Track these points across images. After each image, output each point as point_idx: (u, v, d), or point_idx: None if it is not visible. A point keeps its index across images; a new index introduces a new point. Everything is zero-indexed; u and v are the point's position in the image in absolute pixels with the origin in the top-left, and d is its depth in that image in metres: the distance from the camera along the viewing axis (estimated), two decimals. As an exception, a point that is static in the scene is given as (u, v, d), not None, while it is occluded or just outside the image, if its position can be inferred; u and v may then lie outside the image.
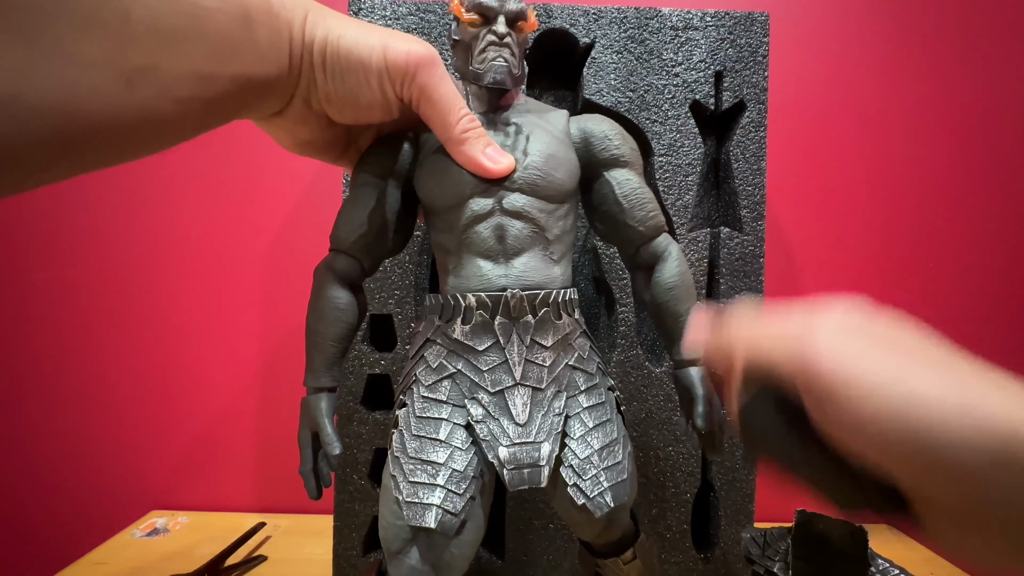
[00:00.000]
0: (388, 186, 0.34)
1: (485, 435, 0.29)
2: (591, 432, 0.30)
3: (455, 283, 0.32)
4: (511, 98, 0.35)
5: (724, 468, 0.49)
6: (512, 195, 0.31)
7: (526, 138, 0.32)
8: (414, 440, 0.29)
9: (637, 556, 0.32)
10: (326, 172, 0.67)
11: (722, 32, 0.49)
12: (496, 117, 0.33)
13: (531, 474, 0.29)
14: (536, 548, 0.47)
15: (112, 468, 0.67)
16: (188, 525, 0.62)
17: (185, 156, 0.67)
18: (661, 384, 0.48)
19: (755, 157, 0.49)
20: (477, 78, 0.32)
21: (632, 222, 0.34)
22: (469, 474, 0.29)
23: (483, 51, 0.32)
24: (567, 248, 0.34)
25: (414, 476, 0.29)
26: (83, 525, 0.66)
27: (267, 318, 0.67)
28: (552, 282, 0.32)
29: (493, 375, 0.30)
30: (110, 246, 0.67)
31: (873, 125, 0.68)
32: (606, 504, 0.29)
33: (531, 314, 0.30)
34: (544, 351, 0.31)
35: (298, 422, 0.33)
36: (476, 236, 0.31)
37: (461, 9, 0.32)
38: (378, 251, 0.35)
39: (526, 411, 0.30)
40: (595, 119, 0.35)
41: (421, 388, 0.31)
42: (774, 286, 0.67)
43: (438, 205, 0.33)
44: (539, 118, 0.34)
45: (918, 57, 0.68)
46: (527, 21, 0.33)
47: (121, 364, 0.67)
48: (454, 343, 0.31)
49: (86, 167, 0.22)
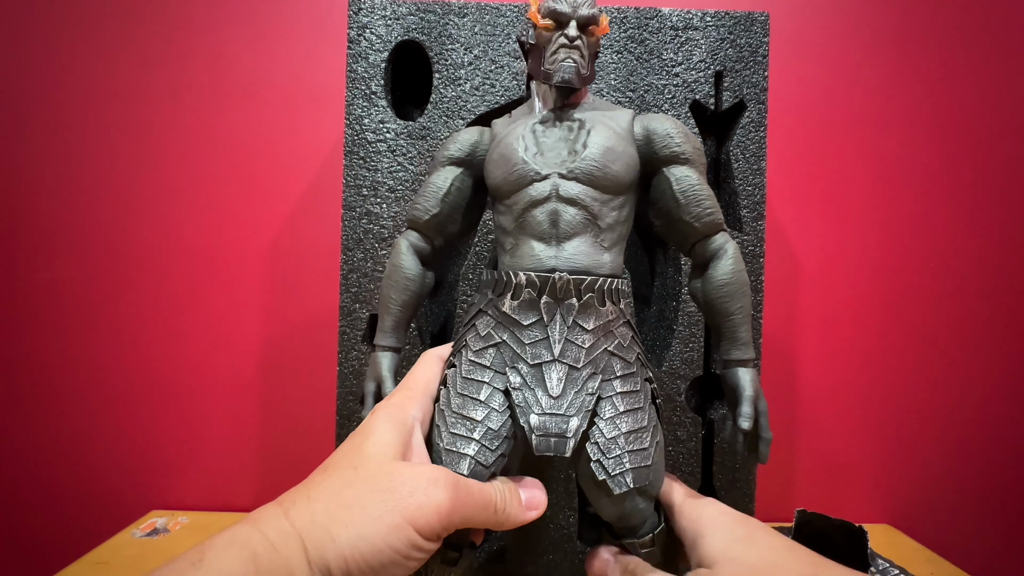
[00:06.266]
0: (462, 171, 0.39)
1: (520, 401, 0.31)
2: (621, 416, 0.31)
3: (510, 261, 0.35)
4: (579, 97, 0.37)
5: (724, 468, 0.49)
6: (568, 183, 0.33)
7: (587, 132, 0.34)
8: (458, 397, 0.32)
9: (655, 544, 0.33)
10: (326, 172, 0.67)
11: (722, 32, 0.49)
12: (563, 113, 0.36)
13: (557, 443, 0.30)
14: (536, 548, 0.47)
15: (112, 468, 0.67)
16: (188, 525, 0.62)
17: (185, 156, 0.67)
18: (662, 384, 0.48)
19: (755, 157, 0.49)
20: (547, 77, 0.35)
21: (688, 218, 0.35)
22: (503, 434, 0.31)
23: (554, 53, 0.34)
24: (619, 238, 0.35)
25: (454, 428, 0.31)
26: (83, 525, 0.67)
27: (268, 318, 0.67)
28: (600, 267, 0.34)
29: (534, 349, 0.32)
30: (110, 246, 0.67)
31: (873, 125, 0.68)
32: (625, 484, 0.30)
33: (576, 297, 0.32)
34: (585, 334, 0.32)
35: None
36: (532, 219, 0.34)
37: (537, 15, 0.35)
38: (448, 231, 0.39)
39: (560, 386, 0.31)
40: (660, 118, 0.37)
41: (469, 353, 0.33)
42: (774, 286, 0.67)
43: (501, 190, 0.35)
44: (603, 115, 0.36)
45: (918, 57, 0.68)
46: (599, 25, 0.35)
47: (121, 364, 0.67)
48: (502, 316, 0.33)
49: None
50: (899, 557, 0.57)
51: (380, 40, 0.49)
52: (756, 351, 0.48)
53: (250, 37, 0.67)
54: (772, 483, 0.64)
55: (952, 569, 0.56)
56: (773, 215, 0.66)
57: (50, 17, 0.66)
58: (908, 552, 0.60)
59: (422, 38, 0.49)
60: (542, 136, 0.35)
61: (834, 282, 0.68)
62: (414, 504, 0.25)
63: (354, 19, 0.49)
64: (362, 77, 0.49)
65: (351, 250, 0.49)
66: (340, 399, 0.48)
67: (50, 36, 0.66)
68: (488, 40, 0.49)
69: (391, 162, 0.49)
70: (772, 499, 0.64)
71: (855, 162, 0.68)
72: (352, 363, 0.48)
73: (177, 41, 0.66)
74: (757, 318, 0.49)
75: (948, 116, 0.68)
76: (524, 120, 0.37)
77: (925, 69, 0.68)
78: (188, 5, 0.66)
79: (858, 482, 0.69)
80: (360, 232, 0.49)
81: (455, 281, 0.50)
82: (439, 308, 0.52)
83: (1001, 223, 0.68)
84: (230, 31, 0.67)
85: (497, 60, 0.49)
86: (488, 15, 0.49)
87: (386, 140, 0.49)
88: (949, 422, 0.69)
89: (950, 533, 0.68)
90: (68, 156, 0.67)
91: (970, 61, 0.68)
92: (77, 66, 0.66)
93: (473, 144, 0.39)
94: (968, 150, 0.68)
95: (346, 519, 0.24)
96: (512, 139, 0.35)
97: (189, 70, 0.67)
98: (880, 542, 0.62)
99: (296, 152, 0.67)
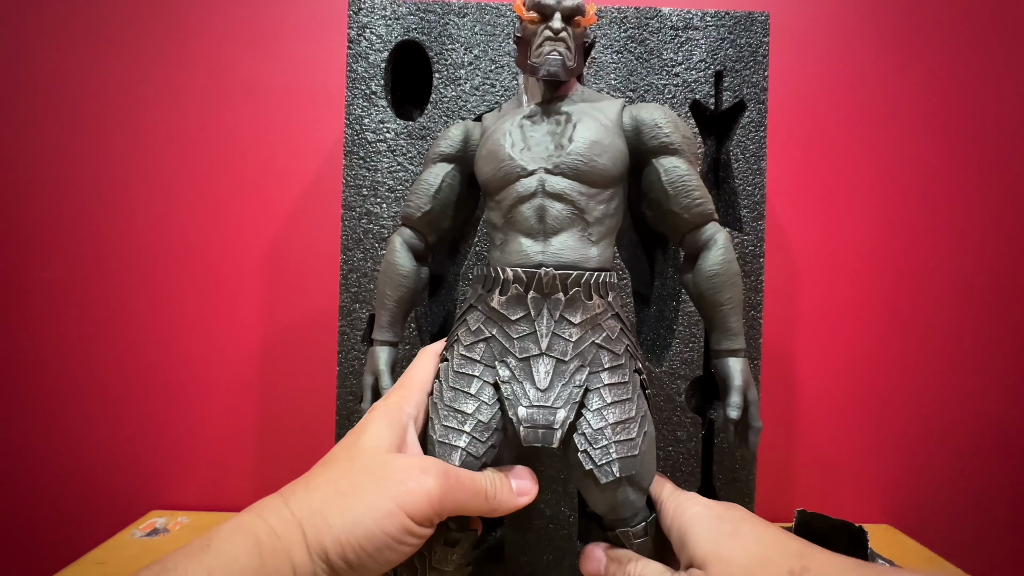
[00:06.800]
0: (453, 167, 0.39)
1: (508, 394, 0.32)
2: (608, 407, 0.31)
3: (499, 257, 0.35)
4: (567, 89, 0.37)
5: (724, 468, 0.49)
6: (554, 178, 0.33)
7: (573, 126, 0.34)
8: (449, 391, 0.33)
9: (648, 534, 0.33)
10: (326, 172, 0.67)
11: (722, 32, 0.49)
12: (550, 107, 0.36)
13: (544, 434, 0.31)
14: (536, 548, 0.47)
15: (112, 468, 0.67)
16: (188, 525, 0.62)
17: (185, 156, 0.67)
18: (661, 384, 0.48)
19: (755, 157, 0.49)
20: (533, 71, 0.35)
21: (677, 209, 0.35)
22: (492, 426, 0.32)
23: (540, 46, 0.34)
24: (608, 231, 0.35)
25: (446, 421, 0.32)
26: (83, 525, 0.66)
27: (267, 318, 0.67)
28: (587, 262, 0.34)
29: (522, 343, 0.33)
30: (110, 246, 0.67)
31: (873, 125, 0.68)
32: (612, 472, 0.30)
33: (562, 292, 0.33)
34: (572, 327, 0.33)
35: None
36: (520, 215, 0.34)
37: (522, 8, 0.35)
38: (441, 227, 0.40)
39: (547, 378, 0.32)
40: (649, 107, 0.36)
41: (460, 347, 0.34)
42: (774, 286, 0.67)
43: (490, 187, 0.36)
44: (591, 107, 0.36)
45: (918, 57, 0.68)
46: (584, 16, 0.35)
47: (121, 364, 0.67)
48: (491, 311, 0.34)
49: None
50: (899, 557, 0.57)
51: (380, 40, 0.49)
52: (756, 350, 0.48)
53: (250, 37, 0.67)
54: (772, 483, 0.64)
55: (952, 569, 0.56)
56: (773, 215, 0.66)
57: (50, 17, 0.66)
58: (908, 552, 0.60)
59: (422, 38, 0.49)
60: (529, 131, 0.35)
61: (834, 282, 0.68)
62: (406, 491, 0.26)
63: (354, 19, 0.49)
64: (362, 77, 0.49)
65: (351, 250, 0.49)
66: (340, 399, 0.48)
67: (50, 36, 0.66)
68: (488, 40, 0.49)
69: (391, 162, 0.49)
70: (772, 499, 0.63)
71: (855, 162, 0.68)
72: (352, 363, 0.48)
73: (177, 41, 0.66)
74: (757, 318, 0.49)
75: (948, 115, 0.68)
76: (512, 114, 0.37)
77: (925, 69, 0.68)
78: (188, 5, 0.66)
79: (858, 482, 0.69)
80: (360, 232, 0.49)
81: (454, 281, 0.50)
82: (438, 307, 0.52)
83: (1001, 223, 0.68)
84: (230, 31, 0.67)
85: (497, 60, 0.49)
86: (488, 15, 0.49)
87: (386, 140, 0.49)
88: (949, 422, 0.69)
89: (950, 533, 0.68)
90: (68, 156, 0.67)
91: (970, 60, 0.68)
92: (77, 66, 0.66)
93: (463, 140, 0.39)
94: (968, 149, 0.68)
95: (342, 506, 0.26)
96: (499, 135, 0.35)
97: (189, 70, 0.67)
98: (880, 542, 0.62)
99: (296, 152, 0.67)
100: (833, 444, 0.69)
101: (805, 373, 0.68)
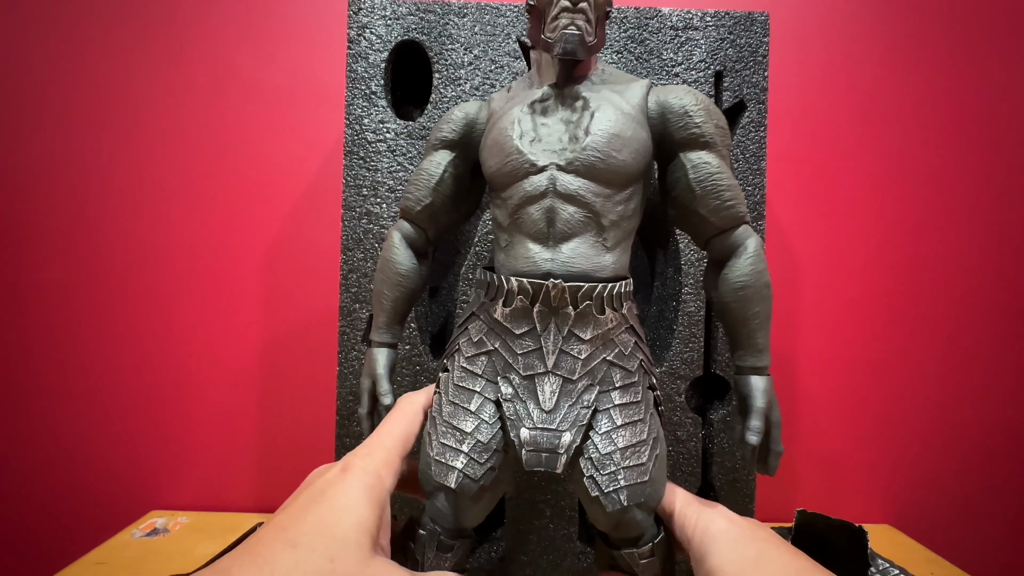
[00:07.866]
0: (456, 155, 0.35)
1: (511, 414, 0.30)
2: (618, 430, 0.29)
3: (503, 261, 0.32)
4: (586, 68, 0.32)
5: (724, 468, 0.49)
6: (567, 177, 0.30)
7: (591, 114, 0.30)
8: (449, 405, 0.31)
9: (655, 555, 0.31)
10: (326, 172, 0.67)
11: (722, 32, 0.49)
12: (565, 91, 0.32)
13: (548, 459, 0.29)
14: (536, 548, 0.47)
15: (112, 468, 0.67)
16: (188, 525, 0.62)
17: (185, 156, 0.67)
18: (661, 384, 0.48)
19: (755, 157, 0.49)
20: (548, 47, 0.30)
21: (703, 211, 0.31)
22: (492, 447, 0.30)
23: (556, 17, 0.30)
24: (624, 234, 0.32)
25: (444, 438, 0.30)
26: (83, 525, 0.66)
27: (267, 318, 0.67)
28: (601, 271, 0.30)
29: (526, 359, 0.30)
30: (110, 246, 0.67)
31: (873, 125, 0.68)
32: (619, 501, 0.28)
33: (572, 306, 0.29)
34: (581, 344, 0.30)
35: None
36: (527, 217, 0.31)
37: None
38: (442, 221, 0.37)
39: (553, 399, 0.29)
40: (678, 91, 0.32)
41: (461, 359, 0.32)
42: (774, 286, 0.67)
43: (496, 181, 0.32)
44: (612, 91, 0.32)
45: (918, 57, 0.68)
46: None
47: (121, 364, 0.67)
48: (494, 322, 0.31)
49: None
50: (899, 557, 0.57)
51: (380, 40, 0.49)
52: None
53: (250, 37, 0.67)
54: (772, 483, 0.64)
55: (952, 569, 0.56)
56: (773, 215, 0.66)
57: (50, 18, 0.66)
58: (908, 552, 0.60)
59: (422, 38, 0.49)
60: (540, 118, 0.31)
61: (834, 282, 0.68)
62: None
63: (354, 19, 0.49)
64: (362, 77, 0.49)
65: (351, 250, 0.49)
66: (340, 399, 0.48)
67: (50, 36, 0.66)
68: (488, 40, 0.49)
69: (391, 162, 0.49)
70: (772, 499, 0.63)
71: (855, 162, 0.68)
72: (352, 363, 0.48)
73: (177, 41, 0.66)
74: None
75: (948, 115, 0.68)
76: (522, 97, 0.33)
77: (925, 68, 0.68)
78: (188, 5, 0.66)
79: (858, 482, 0.69)
80: (360, 232, 0.49)
81: (455, 282, 0.50)
82: (439, 309, 0.52)
83: (1001, 223, 0.68)
84: (230, 31, 0.67)
85: (497, 60, 0.49)
86: (488, 15, 0.49)
87: (386, 140, 0.49)
88: (949, 422, 0.69)
89: (950, 533, 0.68)
90: (68, 156, 0.67)
91: (970, 61, 0.68)
92: (77, 66, 0.66)
93: (467, 123, 0.35)
94: (968, 149, 0.68)
95: None
96: (506, 122, 0.32)
97: (189, 70, 0.67)
98: (880, 542, 0.62)
99: (296, 152, 0.67)
100: (833, 444, 0.69)
101: (805, 373, 0.68)
